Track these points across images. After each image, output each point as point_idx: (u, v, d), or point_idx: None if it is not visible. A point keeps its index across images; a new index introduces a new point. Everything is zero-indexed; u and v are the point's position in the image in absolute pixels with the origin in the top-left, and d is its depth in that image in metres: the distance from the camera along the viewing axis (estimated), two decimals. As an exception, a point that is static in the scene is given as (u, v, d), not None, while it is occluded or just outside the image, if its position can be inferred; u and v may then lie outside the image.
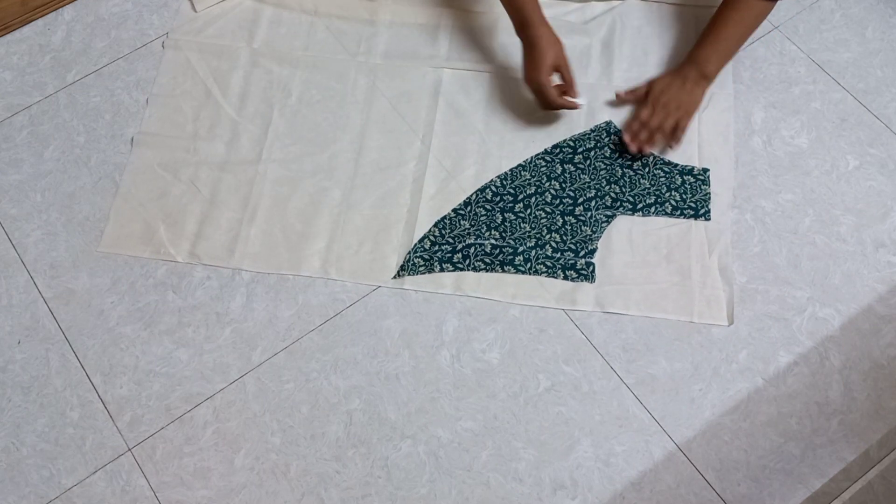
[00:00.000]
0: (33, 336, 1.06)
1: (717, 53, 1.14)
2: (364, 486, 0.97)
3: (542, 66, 1.08)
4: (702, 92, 1.16)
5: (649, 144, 1.14)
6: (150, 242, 1.11)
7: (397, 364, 1.04)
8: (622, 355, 1.04)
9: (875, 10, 1.29)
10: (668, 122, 1.14)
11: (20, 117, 1.21)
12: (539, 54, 1.08)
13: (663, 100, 1.14)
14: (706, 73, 1.15)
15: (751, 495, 0.97)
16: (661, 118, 1.14)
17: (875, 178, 1.15)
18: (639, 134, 1.14)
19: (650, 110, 1.15)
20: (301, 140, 1.18)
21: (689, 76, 1.15)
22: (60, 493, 0.97)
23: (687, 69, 1.15)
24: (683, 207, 1.12)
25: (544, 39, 1.09)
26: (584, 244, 1.10)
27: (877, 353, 1.04)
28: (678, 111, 1.14)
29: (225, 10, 1.29)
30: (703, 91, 1.16)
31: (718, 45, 1.14)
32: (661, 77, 1.17)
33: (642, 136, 1.15)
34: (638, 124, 1.15)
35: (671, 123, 1.13)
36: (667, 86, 1.15)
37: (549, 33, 1.10)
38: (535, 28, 1.09)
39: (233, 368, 1.04)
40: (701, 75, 1.15)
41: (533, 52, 1.09)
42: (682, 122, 1.14)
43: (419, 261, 1.09)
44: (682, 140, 1.14)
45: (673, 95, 1.14)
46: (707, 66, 1.14)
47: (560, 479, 0.98)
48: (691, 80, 1.15)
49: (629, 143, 1.14)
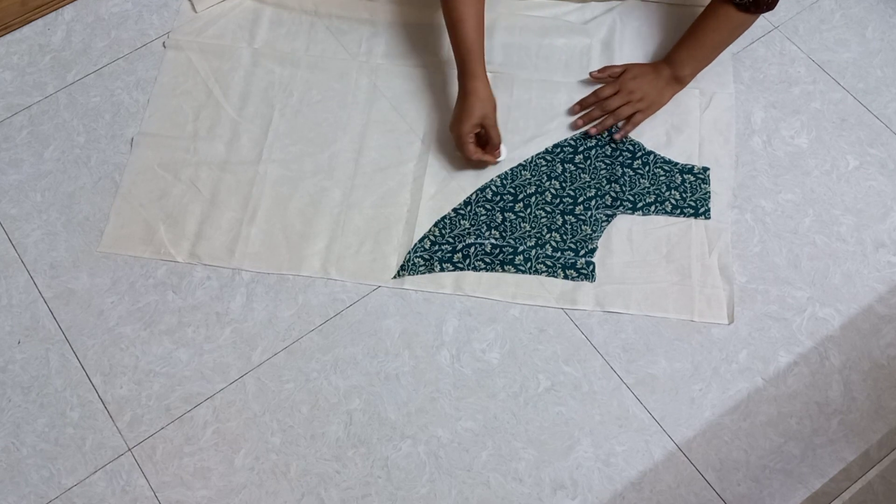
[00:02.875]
0: (33, 336, 1.06)
1: (692, 59, 1.14)
2: (364, 486, 0.97)
3: (467, 121, 1.07)
4: (671, 93, 1.16)
5: (597, 126, 1.14)
6: (150, 242, 1.11)
7: (397, 364, 1.04)
8: (622, 355, 1.04)
9: (875, 10, 1.29)
10: (625, 110, 1.13)
11: (20, 117, 1.21)
12: (468, 108, 1.07)
13: (631, 86, 1.14)
14: (679, 76, 1.15)
15: (751, 495, 0.97)
16: (620, 102, 1.14)
17: (875, 178, 1.16)
18: (592, 110, 1.14)
19: (613, 90, 1.15)
20: (301, 140, 1.18)
21: (664, 75, 1.15)
22: (60, 493, 0.97)
23: (663, 68, 1.16)
24: (683, 206, 1.12)
25: (476, 95, 1.07)
26: (585, 243, 1.10)
27: (877, 353, 1.04)
28: (641, 103, 1.14)
29: (225, 10, 1.29)
30: (673, 93, 1.16)
31: (695, 51, 1.14)
32: (639, 65, 1.17)
33: (594, 113, 1.15)
34: (594, 98, 1.16)
35: (628, 111, 1.13)
36: (641, 74, 1.15)
37: (485, 89, 1.08)
38: (472, 81, 1.07)
39: (233, 368, 1.04)
40: (674, 77, 1.15)
41: (463, 103, 1.08)
42: (639, 116, 1.14)
43: (419, 260, 1.09)
44: (628, 134, 1.14)
45: (642, 86, 1.14)
46: (681, 70, 1.14)
47: (560, 479, 0.98)
48: (664, 80, 1.15)
49: (576, 117, 1.15)
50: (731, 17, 1.09)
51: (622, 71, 1.17)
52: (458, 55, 1.09)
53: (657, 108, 1.16)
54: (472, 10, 1.07)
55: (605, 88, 1.16)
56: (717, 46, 1.14)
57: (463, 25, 1.07)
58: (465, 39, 1.07)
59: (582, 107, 1.17)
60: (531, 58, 1.24)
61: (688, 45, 1.14)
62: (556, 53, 1.24)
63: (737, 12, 1.08)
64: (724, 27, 1.11)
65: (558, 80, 1.21)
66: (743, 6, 1.07)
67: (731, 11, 1.08)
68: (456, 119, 1.09)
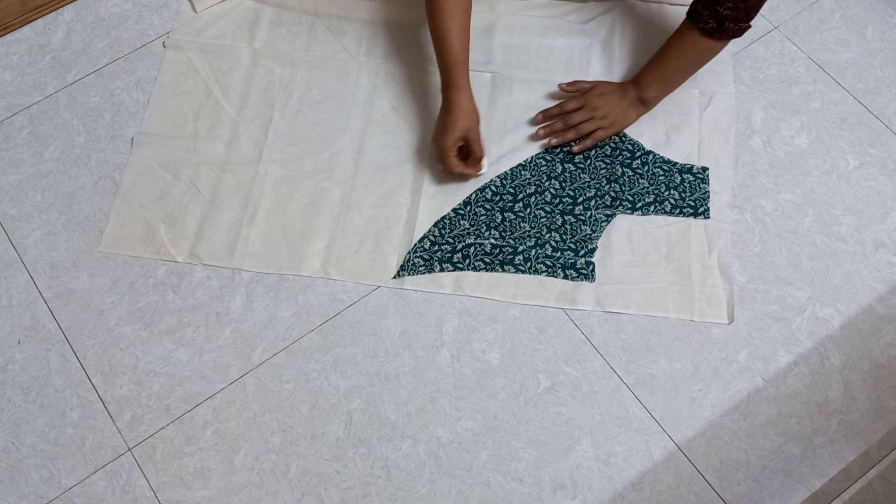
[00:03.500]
0: (33, 336, 1.06)
1: (658, 82, 1.13)
2: (364, 486, 0.97)
3: (450, 134, 1.06)
4: (636, 115, 1.15)
5: (557, 136, 1.14)
6: (150, 242, 1.11)
7: (397, 364, 1.04)
8: (622, 355, 1.04)
9: (875, 10, 1.29)
10: (587, 125, 1.13)
11: (20, 117, 1.21)
12: (451, 121, 1.07)
13: (596, 103, 1.14)
14: (644, 98, 1.14)
15: (751, 495, 0.97)
16: (583, 118, 1.13)
17: (875, 178, 1.16)
18: (555, 122, 1.15)
19: (578, 104, 1.15)
20: (301, 140, 1.18)
21: (629, 95, 1.14)
22: (60, 493, 0.97)
23: (629, 89, 1.15)
24: (682, 206, 1.12)
25: (461, 108, 1.06)
26: (584, 243, 1.10)
27: (877, 353, 1.04)
28: (603, 121, 1.13)
29: (225, 10, 1.29)
30: (638, 114, 1.15)
31: (661, 74, 1.13)
32: (607, 83, 1.17)
33: (556, 125, 1.15)
34: (558, 110, 1.16)
35: (590, 127, 1.13)
36: (607, 93, 1.15)
37: (468, 102, 1.07)
38: (457, 93, 1.07)
39: (233, 368, 1.04)
40: (640, 99, 1.14)
41: (447, 116, 1.07)
42: (600, 133, 1.13)
43: (419, 261, 1.09)
44: (586, 148, 1.14)
45: (606, 104, 1.14)
46: (647, 92, 1.13)
47: (560, 479, 0.98)
48: (628, 100, 1.14)
49: (538, 126, 1.15)
50: (696, 43, 1.07)
51: (590, 87, 1.16)
52: (442, 67, 1.09)
53: (620, 128, 1.15)
54: (457, 22, 1.07)
55: (570, 102, 1.16)
56: (683, 71, 1.13)
57: (448, 38, 1.07)
58: (450, 52, 1.07)
59: (545, 117, 1.17)
60: (531, 58, 1.24)
61: (654, 68, 1.13)
62: (556, 53, 1.24)
63: (701, 37, 1.06)
64: (689, 52, 1.09)
65: (558, 80, 1.21)
66: (707, 32, 1.05)
67: (696, 36, 1.06)
68: (439, 131, 1.09)
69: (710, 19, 1.03)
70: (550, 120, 1.17)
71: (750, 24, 1.04)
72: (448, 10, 1.06)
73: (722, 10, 1.01)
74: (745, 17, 1.02)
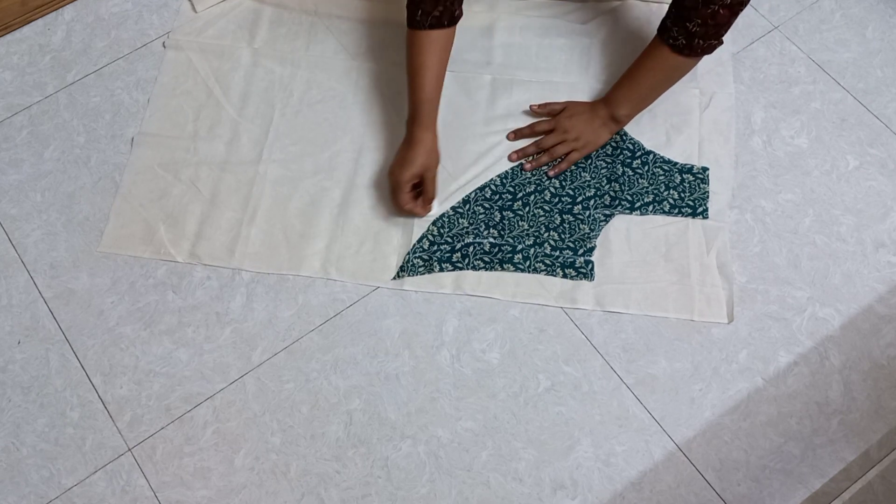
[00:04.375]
0: (33, 336, 1.06)
1: (630, 100, 1.12)
2: (364, 486, 0.97)
3: (408, 169, 1.05)
4: (608, 134, 1.14)
5: (531, 161, 1.14)
6: (150, 242, 1.11)
7: (397, 364, 1.04)
8: (622, 355, 1.04)
9: (875, 10, 1.29)
10: (560, 148, 1.13)
11: (20, 117, 1.21)
12: (412, 157, 1.05)
13: (567, 125, 1.13)
14: (617, 117, 1.13)
15: (751, 495, 0.97)
16: (555, 141, 1.13)
17: (875, 178, 1.16)
18: (527, 146, 1.15)
19: (550, 127, 1.14)
20: (302, 140, 1.18)
21: (600, 115, 1.13)
22: (60, 493, 0.97)
23: (600, 108, 1.14)
24: (681, 206, 1.12)
25: (423, 146, 1.05)
26: (583, 242, 1.10)
27: (877, 353, 1.04)
28: (576, 142, 1.13)
29: (225, 10, 1.29)
30: (611, 133, 1.14)
31: (632, 92, 1.12)
32: (578, 104, 1.16)
33: (528, 149, 1.14)
34: (529, 131, 1.16)
35: (563, 150, 1.13)
36: (578, 114, 1.14)
37: (432, 141, 1.07)
38: (422, 131, 1.06)
39: (233, 368, 1.04)
40: (611, 117, 1.13)
41: (408, 151, 1.06)
42: (574, 154, 1.13)
43: (418, 261, 1.09)
44: (561, 172, 1.13)
45: (577, 126, 1.13)
46: (619, 111, 1.12)
47: (560, 479, 0.98)
48: (600, 119, 1.13)
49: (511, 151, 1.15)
50: (667, 59, 1.06)
51: (561, 108, 1.16)
52: (412, 102, 1.08)
53: (593, 148, 1.14)
54: (434, 58, 1.06)
55: (542, 124, 1.15)
56: (655, 88, 1.12)
57: (424, 73, 1.06)
58: (422, 88, 1.06)
59: (516, 136, 1.16)
60: (531, 58, 1.24)
61: (626, 86, 1.12)
62: (556, 53, 1.24)
63: (672, 54, 1.05)
64: (660, 69, 1.08)
65: (558, 80, 1.21)
66: (677, 49, 1.04)
67: (666, 53, 1.05)
68: (397, 165, 1.07)
69: (679, 36, 1.02)
70: (522, 139, 1.16)
71: (721, 41, 1.03)
72: (427, 46, 1.05)
73: (691, 27, 1.00)
74: (714, 35, 1.02)
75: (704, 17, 0.99)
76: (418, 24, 1.04)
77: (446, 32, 1.06)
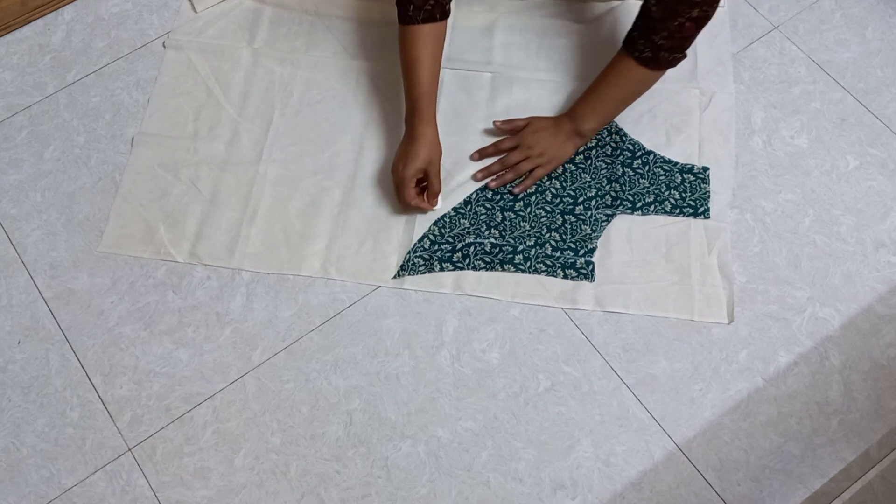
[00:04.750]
0: (33, 336, 1.06)
1: (595, 113, 1.11)
2: (364, 486, 0.97)
3: (411, 164, 1.04)
4: (573, 148, 1.13)
5: (496, 180, 1.13)
6: (150, 242, 1.11)
7: (397, 364, 1.04)
8: (622, 355, 1.04)
9: (875, 10, 1.29)
10: (524, 165, 1.12)
11: (20, 117, 1.21)
12: (414, 151, 1.04)
13: (530, 141, 1.12)
14: (581, 130, 1.12)
15: (751, 495, 0.97)
16: (519, 157, 1.12)
17: (875, 178, 1.16)
18: (492, 164, 1.14)
19: (513, 144, 1.14)
20: (302, 140, 1.18)
21: (564, 129, 1.12)
22: (60, 493, 0.97)
23: (564, 122, 1.13)
24: (682, 206, 1.12)
25: (425, 139, 1.05)
26: (584, 243, 1.10)
27: (877, 353, 1.04)
28: (540, 158, 1.12)
29: (225, 10, 1.29)
30: (575, 147, 1.14)
31: (597, 105, 1.10)
32: (541, 119, 1.15)
33: (493, 167, 1.14)
34: (494, 150, 1.15)
35: (528, 167, 1.12)
36: (541, 129, 1.13)
37: (433, 134, 1.06)
38: (423, 125, 1.05)
39: (233, 368, 1.04)
40: (576, 132, 1.12)
41: (410, 146, 1.05)
42: (539, 171, 1.12)
43: (419, 260, 1.09)
44: (527, 189, 1.12)
45: (541, 142, 1.12)
46: (583, 125, 1.11)
47: (560, 479, 0.98)
48: (564, 134, 1.12)
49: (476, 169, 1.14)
50: (632, 72, 1.05)
51: (525, 124, 1.15)
52: (409, 97, 1.07)
53: (558, 163, 1.13)
54: (428, 52, 1.05)
55: (506, 142, 1.14)
56: (621, 102, 1.11)
57: (418, 67, 1.05)
58: (419, 82, 1.05)
59: (481, 156, 1.15)
60: (531, 58, 1.24)
61: (590, 100, 1.11)
62: (556, 53, 1.24)
63: (638, 67, 1.04)
64: (625, 82, 1.07)
65: (558, 80, 1.22)
66: (644, 61, 1.03)
67: (632, 66, 1.04)
68: (400, 160, 1.06)
69: (646, 49, 1.02)
70: (487, 158, 1.15)
71: (685, 55, 1.03)
72: (421, 40, 1.05)
73: (658, 40, 1.00)
74: (679, 48, 1.02)
75: (671, 30, 0.99)
76: (410, 18, 1.04)
77: (438, 26, 1.06)
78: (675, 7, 0.97)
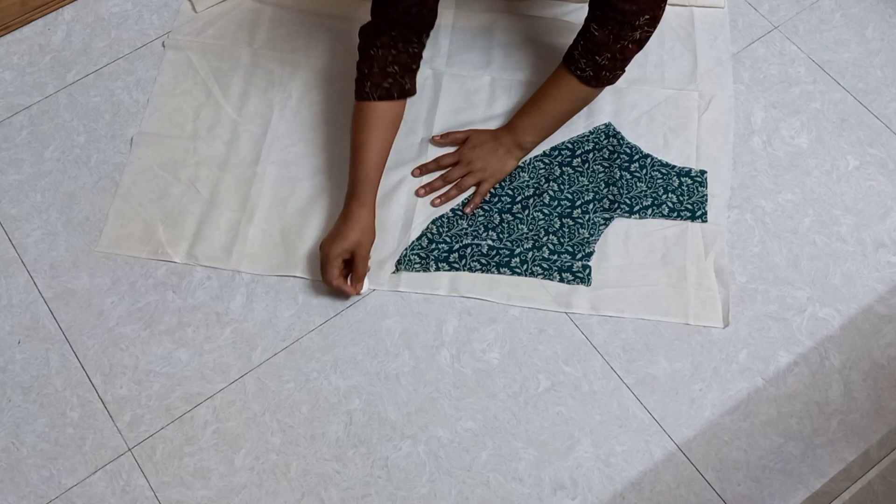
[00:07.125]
0: (33, 336, 1.06)
1: (535, 127, 1.11)
2: (364, 486, 0.97)
3: (339, 243, 1.01)
4: (515, 161, 1.13)
5: (441, 197, 1.12)
6: (148, 242, 1.11)
7: (397, 364, 1.04)
8: (622, 355, 1.04)
9: (875, 10, 1.29)
10: (468, 180, 1.12)
11: (20, 117, 1.21)
12: (345, 231, 1.02)
13: (471, 156, 1.12)
14: (521, 143, 1.12)
15: (751, 495, 0.97)
16: (461, 173, 1.12)
17: (875, 178, 1.16)
18: (434, 180, 1.13)
19: (454, 160, 1.13)
20: (301, 141, 1.18)
21: (504, 143, 1.12)
22: (60, 493, 0.97)
23: (503, 136, 1.12)
24: (680, 209, 1.12)
25: (358, 221, 1.02)
26: (582, 247, 1.10)
27: (877, 353, 1.04)
28: (482, 173, 1.11)
29: (225, 10, 1.29)
30: (517, 160, 1.13)
31: (537, 120, 1.10)
32: (481, 133, 1.15)
33: (435, 183, 1.13)
34: (434, 165, 1.14)
35: (471, 182, 1.12)
36: (480, 144, 1.13)
37: (368, 218, 1.03)
38: (359, 207, 1.03)
39: (233, 368, 1.04)
40: (516, 145, 1.12)
41: (341, 226, 1.03)
42: (484, 185, 1.12)
43: (415, 257, 1.09)
44: (477, 206, 1.11)
45: (482, 156, 1.12)
46: (523, 138, 1.11)
47: (560, 479, 0.98)
48: (504, 148, 1.12)
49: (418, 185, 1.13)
50: (573, 89, 1.06)
51: (464, 138, 1.15)
52: (352, 177, 1.05)
53: (500, 177, 1.13)
54: (379, 133, 1.04)
55: (446, 157, 1.14)
56: (560, 116, 1.11)
57: (365, 149, 1.04)
58: (363, 164, 1.04)
59: (422, 172, 1.14)
60: (531, 58, 1.24)
61: (530, 114, 1.10)
62: (556, 53, 1.24)
63: (579, 84, 1.05)
64: (566, 98, 1.08)
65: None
66: (585, 80, 1.04)
67: (573, 83, 1.05)
68: (329, 238, 1.04)
69: (587, 68, 1.02)
70: (428, 174, 1.14)
71: (624, 70, 1.04)
72: (374, 119, 1.04)
73: (600, 60, 1.01)
74: (620, 66, 1.03)
75: (614, 51, 0.99)
76: (366, 95, 1.03)
77: (395, 105, 1.05)
78: (619, 32, 0.97)
